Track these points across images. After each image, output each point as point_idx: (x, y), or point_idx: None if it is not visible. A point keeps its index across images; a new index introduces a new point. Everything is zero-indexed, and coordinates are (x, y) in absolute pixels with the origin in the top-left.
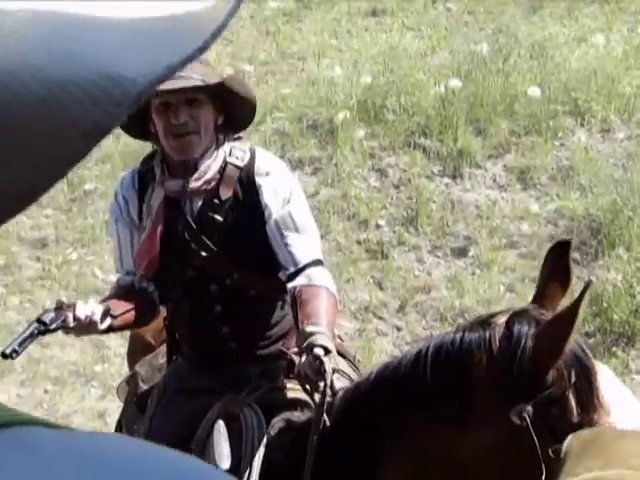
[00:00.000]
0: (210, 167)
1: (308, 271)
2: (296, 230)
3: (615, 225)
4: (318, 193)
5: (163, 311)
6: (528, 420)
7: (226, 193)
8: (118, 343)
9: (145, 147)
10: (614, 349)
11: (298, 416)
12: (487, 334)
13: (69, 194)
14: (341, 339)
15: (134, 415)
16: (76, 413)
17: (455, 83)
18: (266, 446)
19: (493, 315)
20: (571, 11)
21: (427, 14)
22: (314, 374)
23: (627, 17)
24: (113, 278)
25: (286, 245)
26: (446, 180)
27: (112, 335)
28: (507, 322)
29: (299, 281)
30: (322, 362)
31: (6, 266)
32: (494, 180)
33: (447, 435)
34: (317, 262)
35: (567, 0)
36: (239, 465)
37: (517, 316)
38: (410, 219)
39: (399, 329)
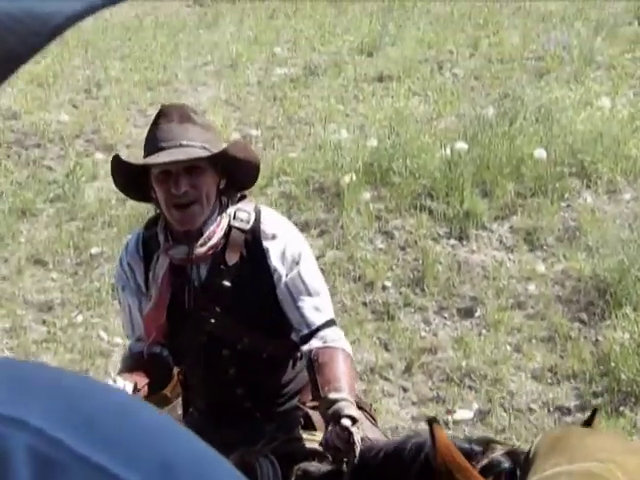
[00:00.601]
0: (215, 232)
1: (322, 332)
2: (307, 292)
3: (622, 285)
4: (324, 255)
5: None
6: None
7: (233, 258)
8: None
9: (151, 210)
10: (622, 408)
11: (317, 466)
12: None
13: (75, 257)
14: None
15: None
16: None
17: (461, 146)
18: None
19: (494, 441)
20: (577, 76)
21: (433, 79)
22: (343, 445)
23: (633, 81)
24: (119, 340)
25: (298, 308)
26: (452, 242)
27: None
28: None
29: (314, 344)
30: (351, 433)
31: (11, 329)
32: (500, 241)
33: None
34: (330, 322)
35: (573, 65)
36: None
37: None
38: (416, 280)
39: (405, 390)
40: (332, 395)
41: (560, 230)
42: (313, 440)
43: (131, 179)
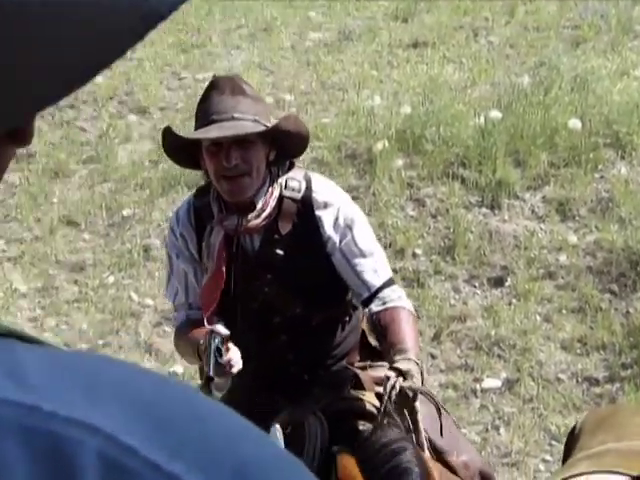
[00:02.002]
0: (267, 203)
1: (382, 294)
2: (362, 254)
3: None
4: None
5: None
6: None
7: (285, 227)
8: (153, 365)
9: (184, 173)
10: None
11: (366, 425)
12: None
13: (107, 219)
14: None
15: None
16: None
17: (495, 114)
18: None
19: None
20: (614, 45)
21: (468, 47)
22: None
23: None
24: (149, 302)
25: (356, 272)
26: (484, 210)
27: (146, 357)
28: None
29: (375, 305)
30: (414, 406)
31: (43, 289)
32: (532, 211)
33: None
34: (389, 282)
35: (611, 34)
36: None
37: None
38: (447, 248)
39: (434, 357)
40: (397, 358)
41: (593, 201)
42: (362, 400)
43: (182, 149)
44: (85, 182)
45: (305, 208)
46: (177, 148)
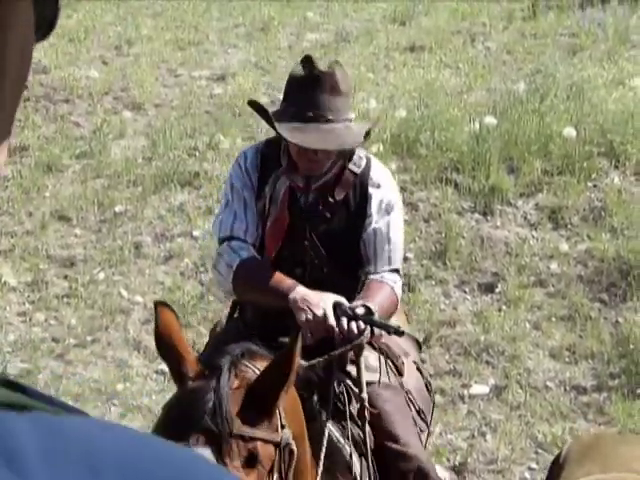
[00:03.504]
0: (332, 170)
1: (383, 274)
2: (388, 241)
3: None
4: None
5: None
6: None
7: (340, 194)
8: (140, 363)
9: (177, 170)
10: (638, 391)
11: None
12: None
13: (99, 215)
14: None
15: None
16: None
17: (490, 120)
18: None
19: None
20: (611, 54)
21: (465, 52)
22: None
23: None
24: (139, 299)
25: (375, 251)
26: (476, 216)
27: (134, 354)
28: None
29: (372, 276)
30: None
31: (33, 283)
32: (525, 218)
33: None
34: (394, 270)
35: (608, 43)
36: None
37: None
38: (438, 253)
39: (423, 362)
40: (356, 302)
41: (585, 210)
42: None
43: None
44: (78, 177)
45: (361, 183)
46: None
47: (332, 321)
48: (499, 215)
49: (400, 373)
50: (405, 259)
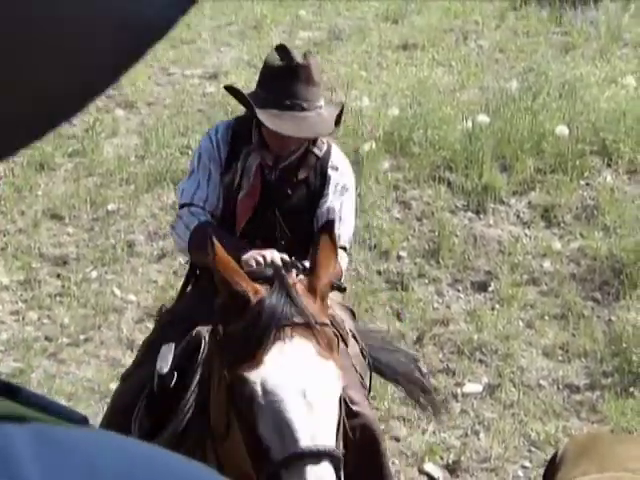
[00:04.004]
0: (297, 152)
1: None
2: (339, 219)
3: (638, 266)
4: None
5: None
6: (218, 337)
7: (303, 174)
8: None
9: (169, 169)
10: (631, 389)
11: None
12: None
13: (91, 213)
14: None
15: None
16: None
17: (483, 119)
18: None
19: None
20: (603, 52)
21: (458, 50)
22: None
23: None
24: (132, 297)
25: None
26: (469, 215)
27: (128, 353)
28: None
29: None
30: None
31: (26, 282)
32: (518, 216)
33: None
34: (342, 248)
35: (600, 41)
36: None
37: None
38: (431, 252)
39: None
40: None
41: (578, 208)
42: None
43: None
44: (70, 175)
45: (322, 165)
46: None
47: (278, 262)
48: (492, 213)
49: (345, 341)
50: (398, 257)
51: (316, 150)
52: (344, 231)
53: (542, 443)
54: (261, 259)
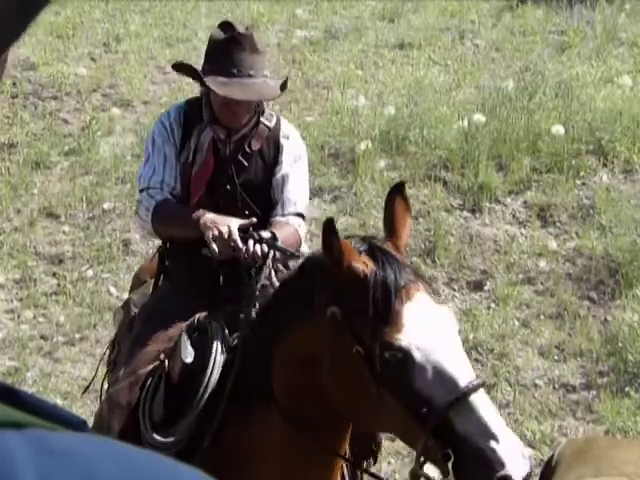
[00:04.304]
0: (249, 124)
1: (289, 217)
2: (294, 186)
3: (634, 266)
4: (336, 221)
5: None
6: (337, 319)
7: (256, 145)
8: None
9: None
10: (627, 389)
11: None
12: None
13: (87, 212)
14: None
15: (126, 336)
16: None
17: (479, 118)
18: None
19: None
20: (599, 52)
21: (454, 49)
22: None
23: None
24: (127, 296)
25: (282, 195)
26: (465, 214)
27: None
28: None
29: (277, 218)
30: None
31: (22, 280)
32: (514, 216)
33: (301, 334)
34: (299, 215)
35: (596, 41)
36: (203, 362)
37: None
38: (428, 251)
39: None
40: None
41: (574, 208)
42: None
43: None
44: (66, 174)
45: (273, 135)
46: (185, 70)
47: (236, 236)
48: (488, 213)
49: None
50: None
51: (266, 122)
52: (300, 198)
53: (538, 442)
54: (217, 232)
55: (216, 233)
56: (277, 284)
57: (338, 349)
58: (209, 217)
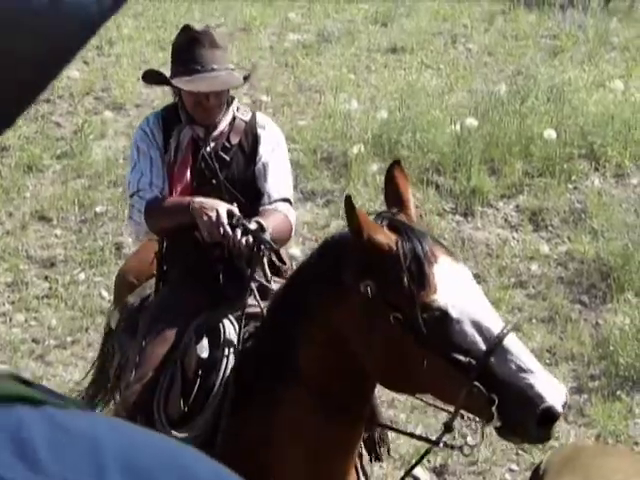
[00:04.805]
0: (225, 120)
1: (276, 204)
2: (276, 172)
3: (625, 270)
4: (329, 225)
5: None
6: (370, 292)
7: (235, 139)
8: None
9: None
10: (618, 393)
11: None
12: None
13: (79, 215)
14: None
15: (125, 338)
16: None
17: (471, 122)
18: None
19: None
20: (591, 56)
21: (447, 53)
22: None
23: None
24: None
25: (266, 182)
26: (458, 218)
27: None
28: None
29: (266, 206)
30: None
31: (13, 283)
32: (506, 220)
33: (329, 308)
34: (286, 200)
35: (588, 45)
36: (216, 358)
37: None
38: None
39: None
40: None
41: (566, 212)
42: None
43: (157, 77)
44: (58, 177)
45: (250, 128)
46: (153, 77)
47: (224, 220)
48: (480, 216)
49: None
50: None
51: (242, 116)
52: (283, 184)
53: (529, 446)
54: (206, 218)
55: (205, 219)
56: (273, 278)
57: (375, 320)
58: (198, 201)
